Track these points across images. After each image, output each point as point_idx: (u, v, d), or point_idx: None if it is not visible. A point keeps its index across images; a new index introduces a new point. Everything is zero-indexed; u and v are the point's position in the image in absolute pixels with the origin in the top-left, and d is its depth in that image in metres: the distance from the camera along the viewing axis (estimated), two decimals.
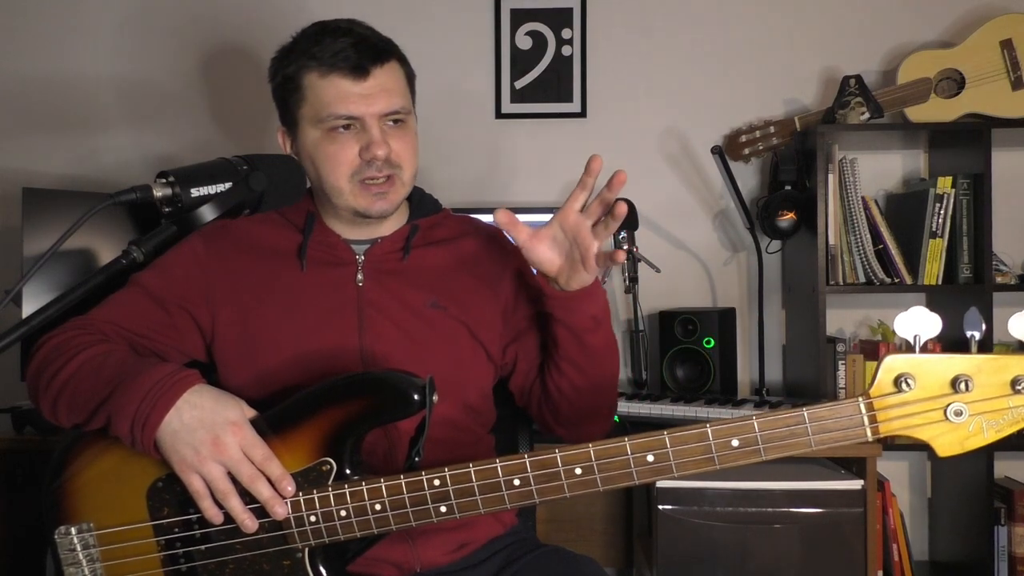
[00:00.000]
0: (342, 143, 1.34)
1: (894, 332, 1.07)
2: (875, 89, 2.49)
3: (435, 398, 1.16)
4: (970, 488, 2.39)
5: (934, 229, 2.43)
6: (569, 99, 2.71)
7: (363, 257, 1.40)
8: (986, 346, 2.23)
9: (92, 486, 1.23)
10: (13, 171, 2.71)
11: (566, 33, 2.70)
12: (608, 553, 2.52)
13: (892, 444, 2.31)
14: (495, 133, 2.74)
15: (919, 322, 1.05)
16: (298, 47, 1.37)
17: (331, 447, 1.16)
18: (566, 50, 2.70)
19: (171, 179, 1.11)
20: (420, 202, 1.50)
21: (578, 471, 1.10)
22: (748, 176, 2.68)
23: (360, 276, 1.39)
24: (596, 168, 1.23)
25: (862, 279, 2.45)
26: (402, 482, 1.14)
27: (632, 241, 2.32)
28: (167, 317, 1.36)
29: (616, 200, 1.22)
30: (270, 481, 1.15)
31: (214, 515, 1.15)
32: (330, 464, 1.16)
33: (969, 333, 1.05)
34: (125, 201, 1.07)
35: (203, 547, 1.18)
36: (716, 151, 2.47)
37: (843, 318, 2.67)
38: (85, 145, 2.74)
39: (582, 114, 2.71)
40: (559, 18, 2.70)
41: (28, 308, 2.13)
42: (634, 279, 2.34)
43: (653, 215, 2.66)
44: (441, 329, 1.39)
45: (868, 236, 2.44)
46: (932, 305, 2.53)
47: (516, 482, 1.11)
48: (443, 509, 1.13)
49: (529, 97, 2.71)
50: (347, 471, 1.16)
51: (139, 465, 1.20)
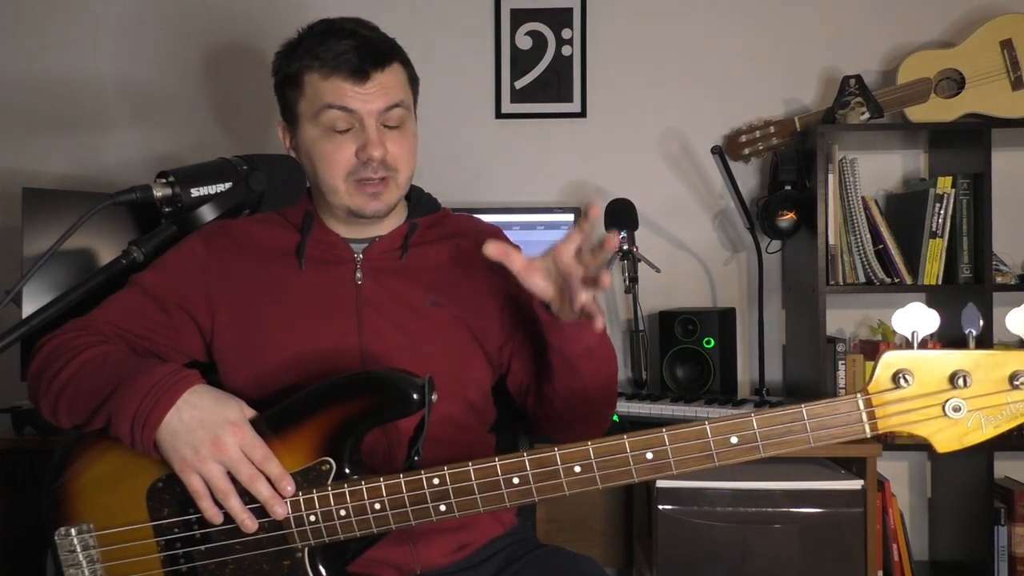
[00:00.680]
0: (339, 143, 1.35)
1: (894, 332, 1.07)
2: (875, 89, 2.49)
3: (434, 397, 1.16)
4: (970, 488, 2.39)
5: (934, 229, 2.42)
6: (569, 99, 2.71)
7: (361, 256, 1.40)
8: (986, 345, 2.22)
9: (92, 487, 1.23)
10: (13, 171, 2.71)
11: (566, 33, 2.70)
12: (608, 553, 2.52)
13: (892, 444, 2.31)
14: (495, 133, 2.74)
15: (916, 318, 1.05)
16: (302, 45, 1.37)
17: (330, 447, 1.17)
18: (566, 50, 2.70)
19: (171, 179, 1.11)
20: (419, 201, 1.50)
21: (577, 469, 1.10)
22: (748, 176, 2.68)
23: (359, 275, 1.39)
24: (595, 216, 1.18)
25: (862, 279, 2.45)
26: (401, 481, 1.14)
27: (632, 241, 2.32)
28: (167, 318, 1.37)
29: (607, 238, 1.17)
30: (270, 481, 1.15)
31: (214, 515, 1.15)
32: (329, 464, 1.16)
33: (967, 330, 1.04)
34: (125, 201, 1.07)
35: (203, 547, 1.18)
36: (716, 151, 2.47)
37: (843, 318, 2.66)
38: (85, 145, 2.74)
39: (582, 114, 2.71)
40: (559, 18, 2.70)
41: (28, 308, 2.13)
42: (634, 279, 2.34)
43: (653, 215, 2.66)
44: (440, 327, 1.39)
45: (868, 236, 2.44)
46: (932, 305, 2.51)
47: (515, 480, 1.11)
48: (442, 508, 1.13)
49: (529, 97, 2.71)
50: (346, 471, 1.16)
51: (139, 466, 1.20)
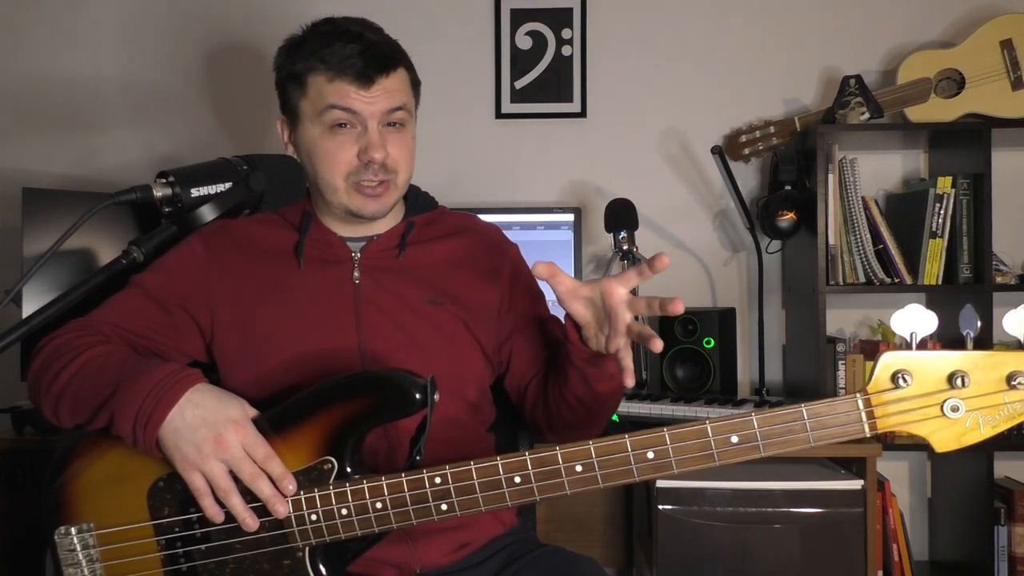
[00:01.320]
0: (340, 142, 1.35)
1: (894, 332, 1.07)
2: (875, 89, 2.50)
3: (437, 397, 1.16)
4: (970, 488, 2.39)
5: (934, 229, 2.42)
6: (569, 99, 2.71)
7: (359, 254, 1.41)
8: (986, 345, 2.23)
9: (93, 486, 1.23)
10: (13, 171, 2.71)
11: (566, 33, 2.70)
12: (608, 553, 2.52)
13: (892, 444, 2.31)
14: (495, 133, 2.74)
15: (915, 319, 1.05)
16: (307, 45, 1.37)
17: (332, 446, 1.17)
18: (566, 50, 2.71)
19: (171, 179, 1.11)
20: (416, 199, 1.50)
21: (579, 468, 1.10)
22: (748, 176, 2.68)
23: (356, 273, 1.39)
24: (661, 267, 1.12)
25: (862, 279, 2.45)
26: (403, 480, 1.14)
27: (632, 241, 2.31)
28: (167, 318, 1.37)
29: (673, 301, 1.11)
30: (271, 480, 1.15)
31: (215, 513, 1.15)
32: (331, 463, 1.16)
33: (965, 331, 1.05)
34: (125, 201, 1.06)
35: (203, 546, 1.19)
36: (716, 151, 2.47)
37: (843, 318, 2.67)
38: (85, 145, 2.74)
39: (582, 114, 2.71)
40: (559, 18, 2.70)
41: (28, 308, 2.13)
42: None
43: (653, 215, 2.66)
44: (439, 325, 1.39)
45: (868, 236, 2.44)
46: (932, 305, 2.53)
47: (517, 480, 1.12)
48: (444, 507, 1.13)
49: (529, 97, 2.71)
50: (348, 470, 1.16)
51: (140, 465, 1.20)
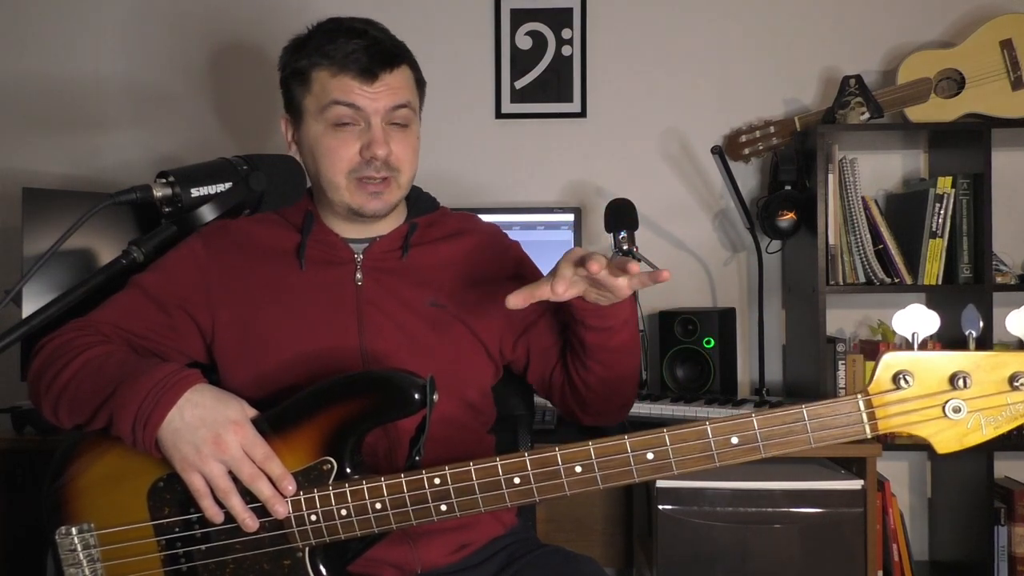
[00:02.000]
0: (343, 139, 1.35)
1: (894, 332, 1.07)
2: (875, 89, 2.50)
3: (436, 397, 1.16)
4: (970, 488, 2.39)
5: (934, 229, 2.42)
6: (569, 99, 2.71)
7: (361, 256, 1.41)
8: (986, 346, 2.23)
9: (93, 486, 1.23)
10: (13, 171, 2.71)
11: (566, 33, 2.70)
12: (608, 553, 2.52)
13: (892, 444, 2.31)
14: (495, 133, 2.74)
15: (917, 320, 1.05)
16: (312, 42, 1.37)
17: (332, 446, 1.17)
18: (566, 50, 2.71)
19: (171, 179, 1.11)
20: (417, 200, 1.50)
21: (578, 469, 1.10)
22: (748, 176, 2.68)
23: (359, 275, 1.39)
24: (665, 279, 1.13)
25: (862, 279, 2.45)
26: (403, 481, 1.14)
27: (632, 241, 2.31)
28: (167, 318, 1.37)
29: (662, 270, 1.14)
30: (271, 480, 1.15)
31: (215, 514, 1.15)
32: (331, 463, 1.16)
33: (967, 331, 1.04)
34: (125, 201, 1.06)
35: (203, 547, 1.18)
36: (716, 151, 2.47)
37: (843, 318, 2.66)
38: (86, 145, 2.74)
39: (582, 114, 2.71)
40: (559, 18, 2.70)
41: (28, 308, 2.13)
42: None
43: (653, 215, 2.66)
44: (440, 327, 1.39)
45: (868, 236, 2.44)
46: (932, 305, 2.51)
47: (516, 480, 1.11)
48: (443, 508, 1.13)
49: (529, 97, 2.71)
50: (348, 470, 1.16)
51: (140, 465, 1.20)
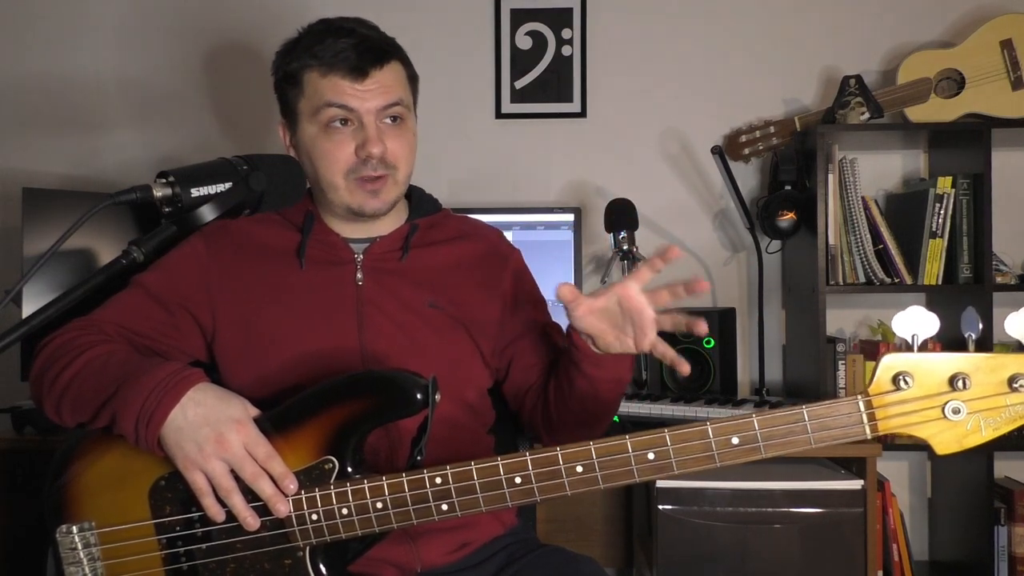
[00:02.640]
0: (338, 140, 1.35)
1: (894, 333, 1.07)
2: (875, 89, 2.50)
3: (438, 397, 1.16)
4: (970, 488, 2.39)
5: (934, 229, 2.43)
6: (569, 99, 2.71)
7: (362, 256, 1.41)
8: (985, 346, 2.23)
9: (94, 485, 1.23)
10: (13, 171, 2.71)
11: (566, 33, 2.70)
12: (608, 553, 2.52)
13: (892, 444, 2.31)
14: (495, 133, 2.74)
15: (917, 321, 1.06)
16: (301, 44, 1.38)
17: (334, 446, 1.17)
18: (566, 50, 2.71)
19: (171, 179, 1.11)
20: (419, 201, 1.50)
21: (579, 469, 1.10)
22: (748, 176, 2.68)
23: (359, 275, 1.39)
24: (672, 257, 1.16)
25: (862, 279, 2.45)
26: (404, 480, 1.14)
27: (632, 241, 2.31)
28: (169, 317, 1.37)
29: (698, 318, 1.16)
30: (273, 479, 1.15)
31: (216, 512, 1.15)
32: (332, 462, 1.16)
33: (966, 333, 1.05)
34: (125, 201, 1.06)
35: (204, 546, 1.18)
36: (716, 151, 2.47)
37: (843, 318, 2.67)
38: (86, 145, 2.74)
39: (582, 114, 2.71)
40: (559, 18, 2.70)
41: (28, 308, 2.13)
42: None
43: (653, 215, 2.66)
44: (439, 328, 1.39)
45: (868, 236, 2.44)
46: (932, 305, 2.53)
47: (518, 480, 1.12)
48: (444, 507, 1.13)
49: (529, 97, 2.71)
50: (349, 469, 1.16)
51: (142, 464, 1.20)
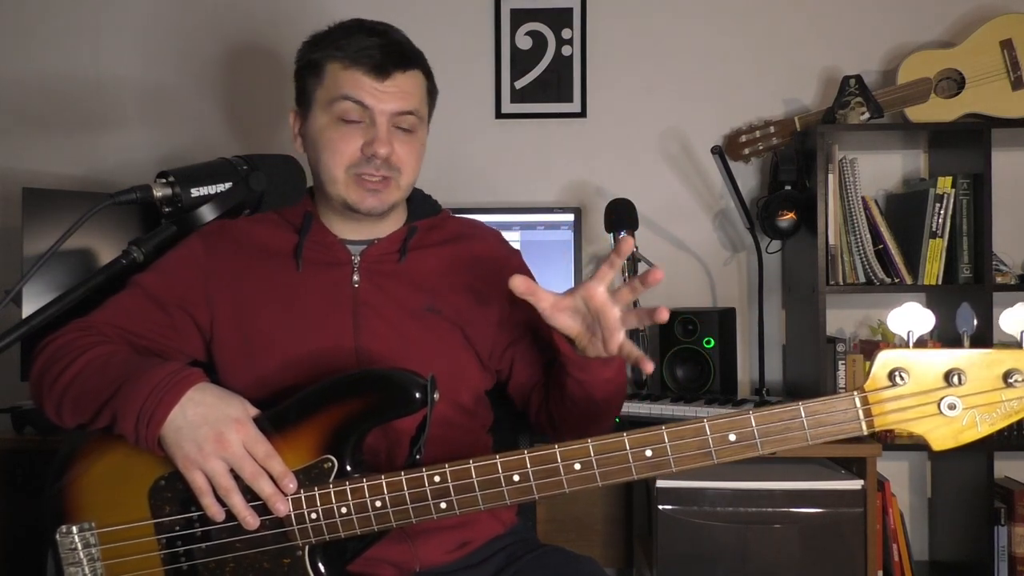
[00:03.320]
0: (347, 134, 1.35)
1: (894, 333, 1.08)
2: (875, 89, 2.50)
3: (436, 396, 1.16)
4: (970, 488, 2.39)
5: (934, 229, 2.43)
6: (569, 99, 2.71)
7: (359, 258, 1.41)
8: (985, 345, 2.22)
9: (94, 485, 1.23)
10: (13, 171, 2.72)
11: (566, 33, 2.70)
12: (608, 553, 2.52)
13: (892, 444, 2.31)
14: (495, 133, 2.74)
15: (912, 318, 1.06)
16: (330, 36, 1.39)
17: (333, 445, 1.17)
18: (566, 50, 2.71)
19: (171, 179, 1.11)
20: (419, 203, 1.51)
21: (577, 467, 1.10)
22: (748, 176, 2.68)
23: (356, 277, 1.39)
24: (627, 249, 1.17)
25: (862, 279, 2.45)
26: (402, 479, 1.14)
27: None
28: (167, 318, 1.37)
29: (659, 307, 1.14)
30: (272, 478, 1.15)
31: (216, 512, 1.16)
32: (332, 461, 1.16)
33: (961, 330, 1.05)
34: (125, 201, 1.07)
35: (204, 545, 1.19)
36: (716, 151, 2.47)
37: (843, 318, 2.67)
38: (86, 145, 2.74)
39: (582, 114, 2.71)
40: (559, 18, 2.71)
41: (28, 308, 2.13)
42: None
43: (653, 215, 2.67)
44: (435, 332, 1.39)
45: (868, 236, 2.44)
46: (932, 305, 2.53)
47: (516, 478, 1.12)
48: (443, 506, 1.13)
49: (529, 97, 2.71)
50: (348, 468, 1.17)
51: (141, 464, 1.20)
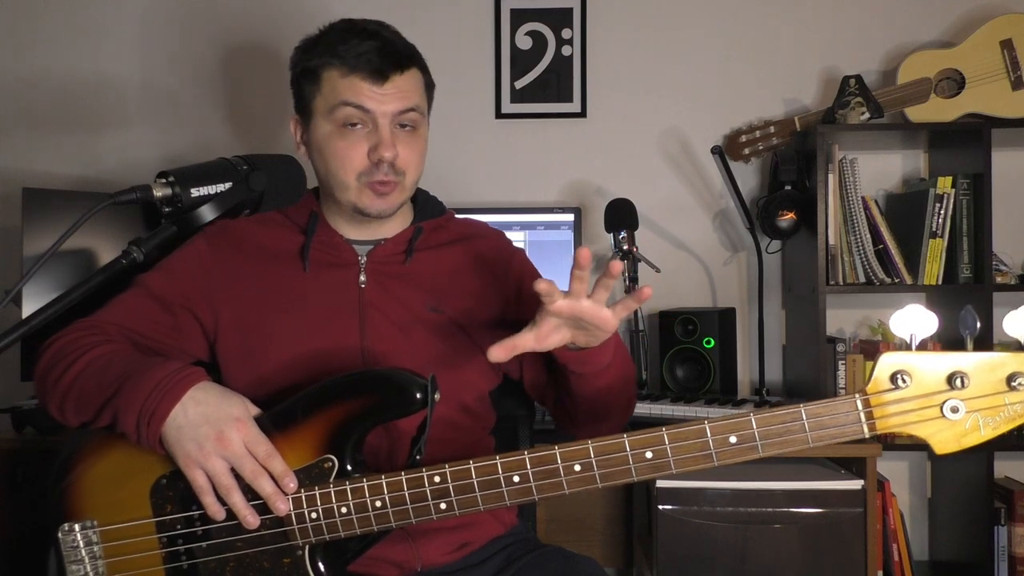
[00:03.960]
0: (352, 141, 1.35)
1: (894, 332, 1.07)
2: (875, 89, 2.50)
3: (437, 396, 1.16)
4: (970, 488, 2.39)
5: (934, 229, 2.43)
6: (569, 99, 2.71)
7: (365, 258, 1.41)
8: (985, 346, 2.23)
9: (96, 484, 1.23)
10: (13, 171, 2.72)
11: (566, 33, 2.70)
12: (608, 553, 2.52)
13: (892, 444, 2.31)
14: (495, 133, 2.74)
15: (915, 320, 1.06)
16: (323, 42, 1.38)
17: (333, 444, 1.17)
18: (566, 50, 2.71)
19: (171, 179, 1.11)
20: (425, 204, 1.51)
21: (577, 468, 1.10)
22: (748, 176, 2.68)
23: (363, 277, 1.39)
24: (584, 262, 1.13)
25: (862, 279, 2.45)
26: (403, 479, 1.14)
27: (632, 241, 2.32)
28: (171, 318, 1.37)
29: (643, 286, 1.14)
30: (273, 477, 1.15)
31: (216, 511, 1.16)
32: (332, 461, 1.17)
33: (964, 332, 1.04)
34: (125, 201, 1.07)
35: (204, 544, 1.19)
36: (716, 151, 2.47)
37: (843, 318, 2.67)
38: (87, 145, 2.74)
39: (582, 114, 2.71)
40: (559, 18, 2.71)
41: (28, 308, 2.13)
42: (634, 279, 2.34)
43: (653, 215, 2.67)
44: (440, 332, 1.39)
45: (868, 236, 2.44)
46: (932, 305, 2.53)
47: (516, 479, 1.12)
48: (443, 506, 1.13)
49: (529, 97, 2.71)
50: (349, 468, 1.17)
51: (143, 463, 1.21)
